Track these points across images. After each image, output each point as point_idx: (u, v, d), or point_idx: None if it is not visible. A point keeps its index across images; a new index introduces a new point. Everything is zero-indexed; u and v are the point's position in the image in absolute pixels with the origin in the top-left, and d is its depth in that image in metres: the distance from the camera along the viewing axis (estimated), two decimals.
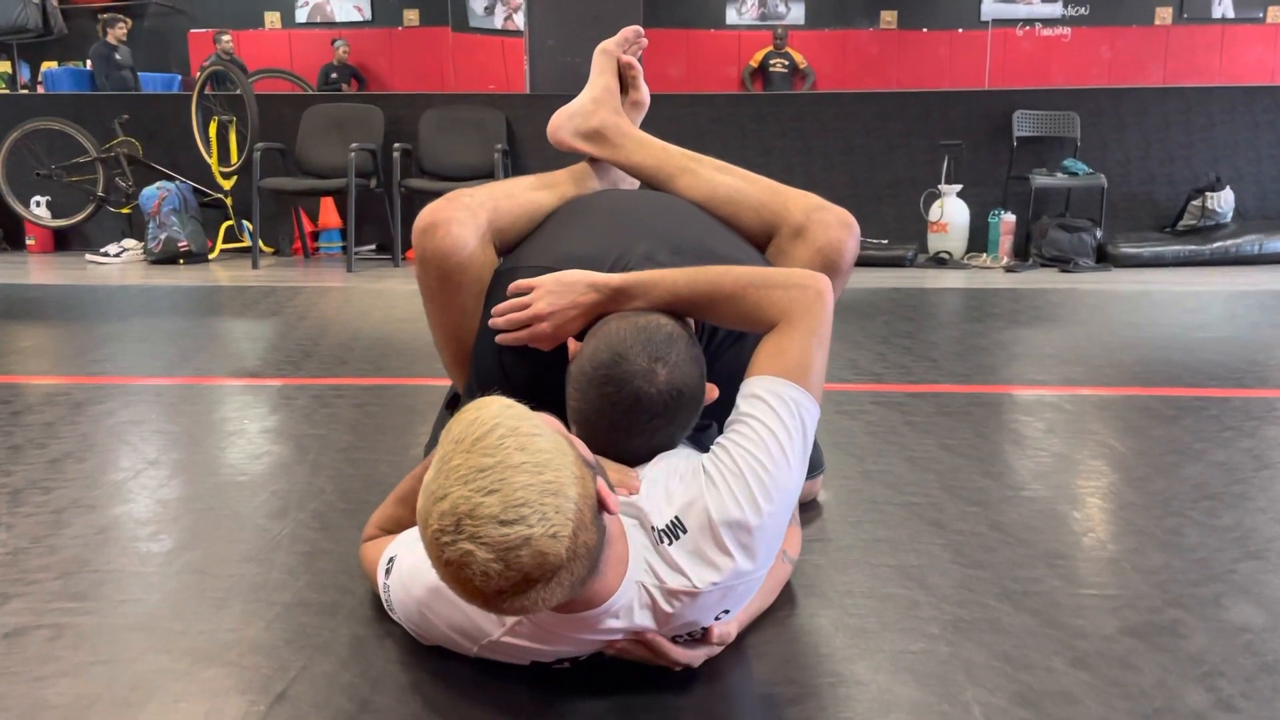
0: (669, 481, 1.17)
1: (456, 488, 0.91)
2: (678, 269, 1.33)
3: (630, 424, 1.19)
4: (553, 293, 1.32)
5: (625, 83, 1.87)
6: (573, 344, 1.28)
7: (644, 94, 1.89)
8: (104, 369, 2.94)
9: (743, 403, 1.21)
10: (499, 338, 1.35)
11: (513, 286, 1.35)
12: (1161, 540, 1.65)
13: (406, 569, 1.21)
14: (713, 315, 1.32)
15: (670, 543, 1.12)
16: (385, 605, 1.28)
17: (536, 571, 0.91)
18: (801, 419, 1.20)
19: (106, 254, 5.68)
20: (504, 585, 0.91)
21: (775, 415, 1.18)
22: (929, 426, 2.30)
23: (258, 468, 2.04)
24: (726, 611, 1.18)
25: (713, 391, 1.27)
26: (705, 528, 1.12)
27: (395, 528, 1.37)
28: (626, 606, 1.11)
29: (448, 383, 2.60)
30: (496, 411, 0.95)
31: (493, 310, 1.37)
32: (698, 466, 1.17)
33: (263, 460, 2.09)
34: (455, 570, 0.92)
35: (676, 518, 1.13)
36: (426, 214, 1.51)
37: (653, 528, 1.13)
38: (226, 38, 9.16)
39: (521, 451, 0.92)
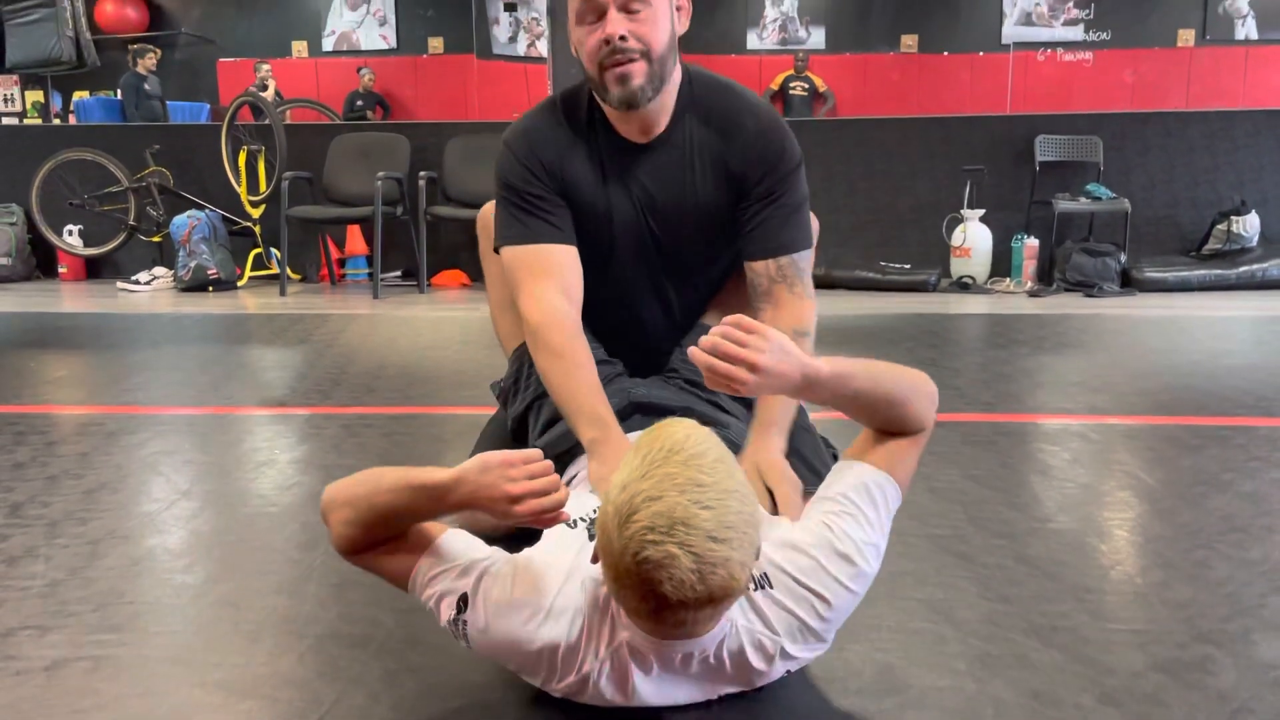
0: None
1: (673, 494, 0.96)
2: (860, 363, 1.26)
3: None
4: (775, 354, 1.16)
5: None
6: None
7: None
8: (136, 398, 2.99)
9: (852, 490, 1.24)
10: (692, 354, 1.19)
11: (735, 319, 1.20)
12: (1189, 574, 1.64)
13: (517, 621, 1.19)
14: (875, 417, 1.29)
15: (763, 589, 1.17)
16: (457, 634, 1.23)
17: (720, 593, 0.98)
18: (890, 513, 1.27)
19: (137, 282, 5.76)
20: (687, 597, 0.97)
21: (876, 512, 1.24)
22: (954, 457, 2.30)
23: (288, 499, 2.07)
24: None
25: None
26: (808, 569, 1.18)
27: (373, 540, 1.28)
28: (717, 645, 1.14)
29: (472, 410, 2.63)
30: (706, 435, 1.04)
31: (709, 336, 1.21)
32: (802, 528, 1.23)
33: (293, 491, 2.12)
34: (649, 569, 0.96)
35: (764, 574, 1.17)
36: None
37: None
38: (266, 68, 9.33)
39: (731, 479, 1.00)
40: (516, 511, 1.17)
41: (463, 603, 1.23)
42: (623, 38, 1.55)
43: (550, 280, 1.66)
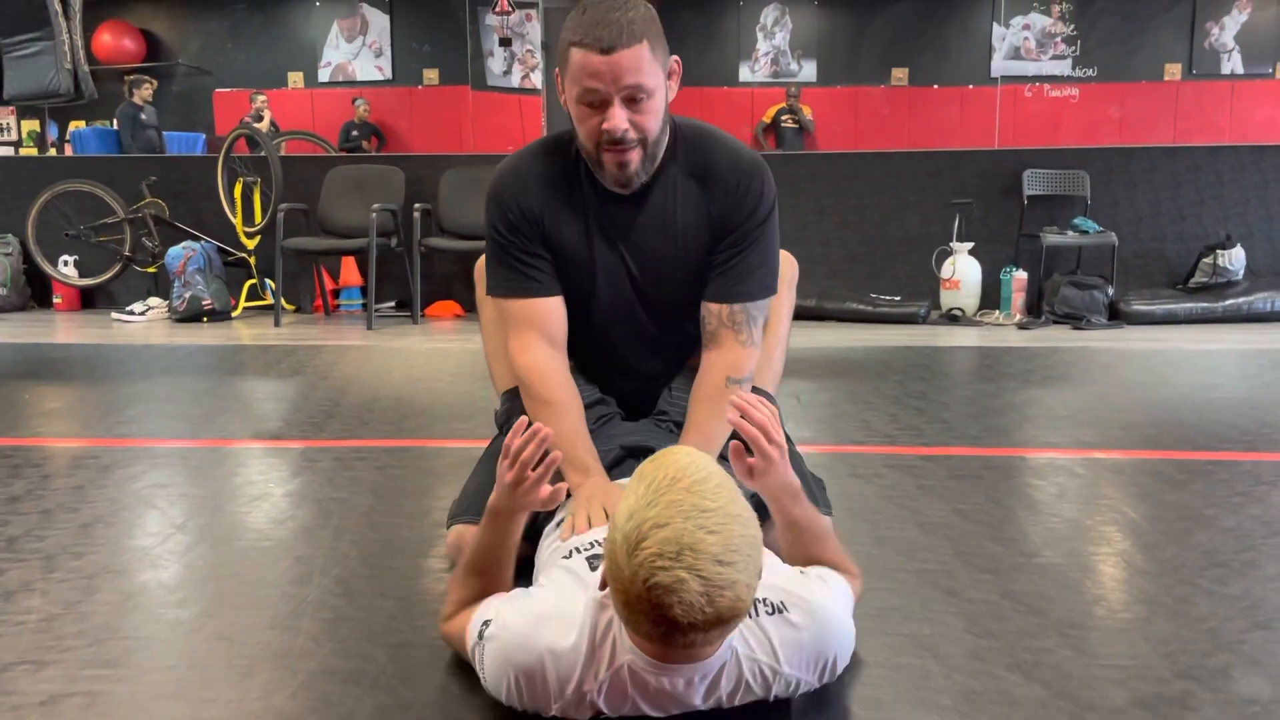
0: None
1: (679, 520, 1.01)
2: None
3: None
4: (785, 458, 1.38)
5: None
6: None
7: None
8: (131, 430, 3.01)
9: (828, 574, 1.37)
10: (734, 421, 1.37)
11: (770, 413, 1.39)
12: (1172, 609, 1.67)
13: (520, 625, 1.23)
14: (799, 545, 1.44)
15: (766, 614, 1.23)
16: (478, 665, 1.27)
17: (728, 614, 1.02)
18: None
19: (132, 312, 5.78)
20: (696, 619, 1.01)
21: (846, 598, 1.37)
22: (941, 491, 2.33)
23: (282, 533, 2.09)
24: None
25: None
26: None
27: (478, 598, 1.38)
28: (717, 670, 1.18)
29: (465, 443, 2.65)
30: (707, 463, 1.09)
31: (741, 407, 1.38)
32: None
33: (286, 525, 2.14)
34: (660, 594, 1.00)
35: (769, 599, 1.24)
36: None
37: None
38: (261, 98, 9.39)
39: (734, 504, 1.04)
40: (524, 490, 1.34)
41: (485, 626, 1.27)
42: (625, 130, 1.62)
43: (536, 331, 1.77)
